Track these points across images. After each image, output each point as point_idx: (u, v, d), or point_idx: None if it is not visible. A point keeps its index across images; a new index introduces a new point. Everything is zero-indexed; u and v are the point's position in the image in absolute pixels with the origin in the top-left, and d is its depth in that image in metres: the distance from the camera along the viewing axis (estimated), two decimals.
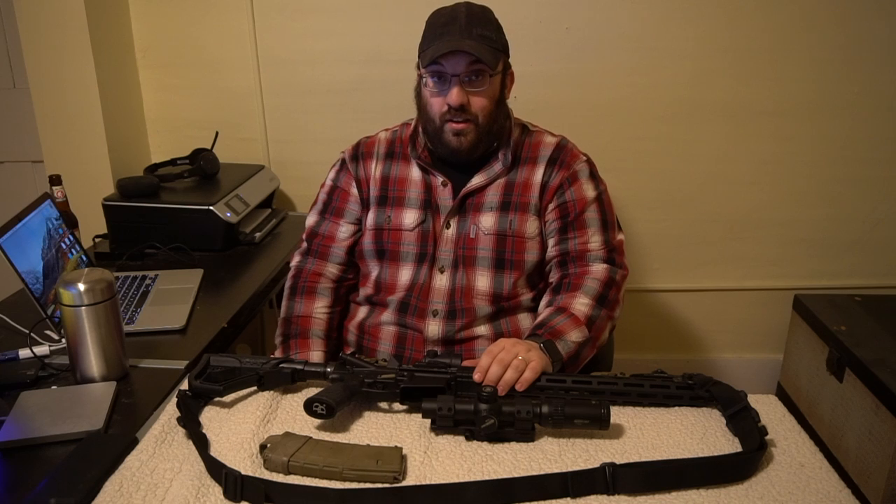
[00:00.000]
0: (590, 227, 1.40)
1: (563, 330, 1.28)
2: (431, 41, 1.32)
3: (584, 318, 1.31)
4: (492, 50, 1.31)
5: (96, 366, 1.23)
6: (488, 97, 1.33)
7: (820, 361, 2.08)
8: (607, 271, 1.37)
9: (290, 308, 1.46)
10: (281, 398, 1.16)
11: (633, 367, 1.21)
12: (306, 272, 1.48)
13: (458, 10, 1.33)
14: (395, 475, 0.95)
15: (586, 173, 1.42)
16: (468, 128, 1.34)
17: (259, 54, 2.21)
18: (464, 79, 1.30)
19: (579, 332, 1.29)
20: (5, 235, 1.37)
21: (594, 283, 1.35)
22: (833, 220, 2.32)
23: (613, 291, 1.36)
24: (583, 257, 1.39)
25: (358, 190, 1.48)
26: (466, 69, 1.29)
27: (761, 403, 1.12)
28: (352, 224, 1.48)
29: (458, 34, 1.29)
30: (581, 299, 1.33)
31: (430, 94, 1.34)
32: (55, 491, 0.93)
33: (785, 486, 0.94)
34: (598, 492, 0.93)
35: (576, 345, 1.28)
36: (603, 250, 1.39)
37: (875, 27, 2.11)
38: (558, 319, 1.30)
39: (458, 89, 1.30)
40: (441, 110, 1.33)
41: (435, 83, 1.32)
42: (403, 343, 1.41)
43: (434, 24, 1.34)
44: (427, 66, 1.31)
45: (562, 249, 1.40)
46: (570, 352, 1.27)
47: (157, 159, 2.29)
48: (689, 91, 2.19)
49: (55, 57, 2.04)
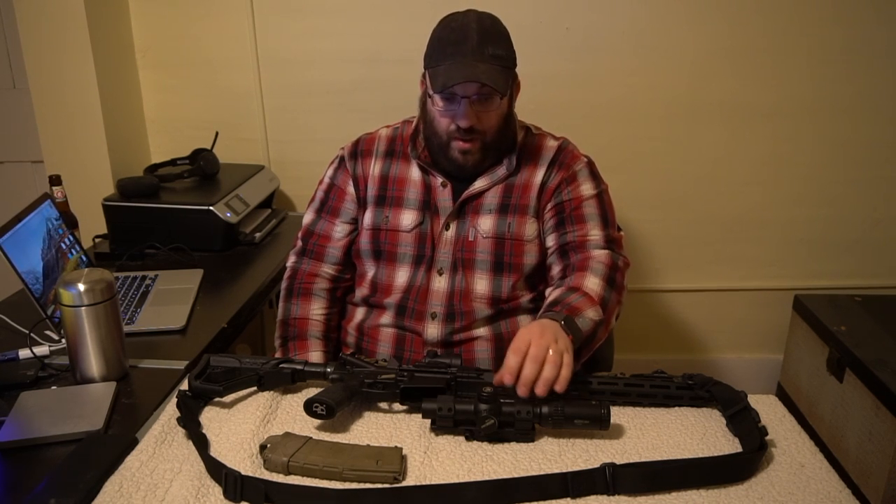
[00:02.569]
0: (589, 220, 1.37)
1: (580, 307, 1.23)
2: (441, 59, 1.29)
3: (598, 297, 1.27)
4: (503, 71, 1.29)
5: (96, 366, 1.23)
6: (497, 115, 1.33)
7: (820, 361, 2.08)
8: (610, 256, 1.35)
9: (287, 310, 1.46)
10: (281, 398, 1.15)
11: (634, 368, 1.21)
12: (302, 273, 1.48)
13: (468, 27, 1.28)
14: (395, 475, 0.95)
15: (586, 173, 1.41)
16: (475, 146, 1.33)
17: (259, 54, 2.21)
18: (473, 98, 1.28)
19: (595, 311, 1.25)
20: (5, 235, 1.37)
21: (600, 266, 1.32)
22: (833, 220, 2.32)
23: (619, 276, 1.34)
24: (583, 245, 1.36)
25: (355, 188, 1.46)
26: (478, 91, 1.27)
27: (761, 403, 1.12)
28: (347, 224, 1.47)
29: (470, 56, 1.26)
30: (591, 279, 1.30)
31: (438, 112, 1.32)
32: (55, 491, 0.93)
33: (785, 487, 0.94)
34: (598, 492, 0.93)
35: (593, 323, 1.23)
36: (602, 241, 1.37)
37: (875, 27, 2.11)
38: (573, 297, 1.25)
39: (469, 112, 1.29)
40: (449, 128, 1.32)
41: (445, 103, 1.30)
42: (402, 345, 1.41)
43: (444, 40, 1.30)
44: (438, 92, 1.28)
45: (561, 241, 1.37)
46: (588, 330, 1.22)
47: (157, 159, 2.29)
48: (688, 91, 2.19)
49: (55, 57, 2.04)
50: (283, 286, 1.50)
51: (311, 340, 1.43)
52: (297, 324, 1.44)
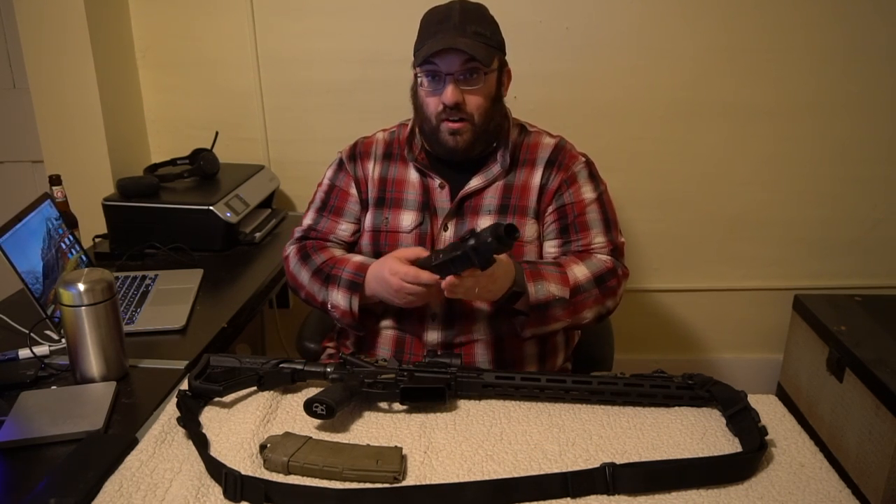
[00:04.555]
0: (592, 227, 1.39)
1: (547, 277, 1.28)
2: (425, 39, 1.31)
3: (574, 282, 1.30)
4: (486, 47, 1.30)
5: (96, 366, 1.23)
6: (484, 95, 1.33)
7: (820, 361, 2.08)
8: (612, 262, 1.36)
9: (312, 263, 1.40)
10: (281, 398, 1.16)
11: (633, 367, 1.21)
12: (310, 243, 1.45)
13: (452, 8, 1.32)
14: (395, 475, 0.95)
15: (585, 175, 1.41)
16: (464, 127, 1.33)
17: (259, 54, 2.21)
18: (458, 77, 1.29)
19: (560, 289, 1.28)
20: (5, 235, 1.37)
21: (598, 262, 1.35)
22: (833, 220, 2.32)
23: (613, 281, 1.34)
24: (587, 251, 1.38)
25: (357, 190, 1.47)
26: (461, 67, 1.29)
27: (761, 403, 1.12)
28: (351, 223, 1.47)
29: (451, 32, 1.29)
30: (580, 267, 1.32)
31: (425, 93, 1.34)
32: (55, 491, 0.93)
33: (785, 487, 0.94)
34: (598, 492, 0.93)
35: (550, 296, 1.27)
36: (606, 248, 1.38)
37: (875, 27, 2.11)
38: (548, 267, 1.31)
39: (453, 87, 1.29)
40: (436, 109, 1.33)
41: (429, 82, 1.32)
42: (402, 347, 1.40)
43: (428, 22, 1.34)
44: (421, 64, 1.30)
45: (564, 250, 1.39)
46: (541, 299, 1.26)
47: (157, 159, 2.29)
48: (688, 91, 2.19)
49: (55, 57, 2.04)
50: (291, 262, 1.44)
51: (348, 255, 1.41)
52: (330, 261, 1.39)
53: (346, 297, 1.34)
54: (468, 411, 1.12)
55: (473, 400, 1.14)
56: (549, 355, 1.43)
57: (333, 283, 1.36)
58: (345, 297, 1.34)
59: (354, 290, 1.33)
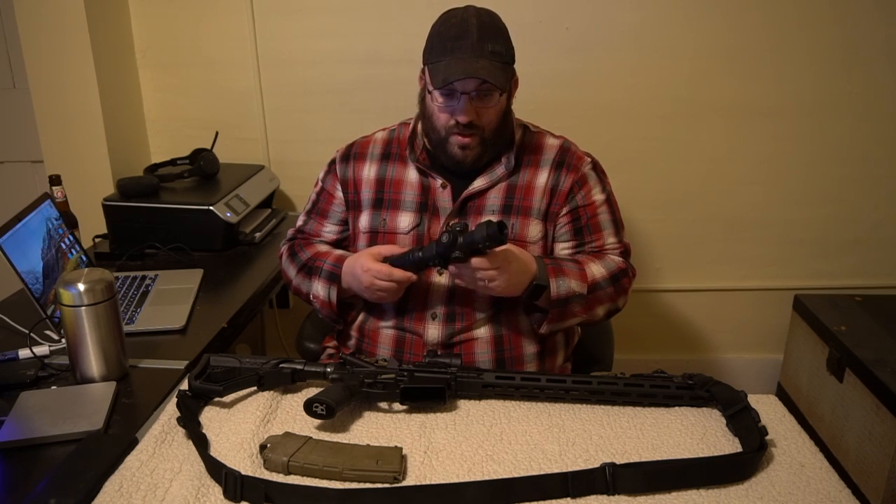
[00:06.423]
0: (605, 228, 1.42)
1: (567, 273, 1.31)
2: (441, 55, 1.29)
3: (591, 279, 1.33)
4: (503, 68, 1.29)
5: (96, 366, 1.23)
6: (496, 111, 1.33)
7: (820, 361, 2.08)
8: (624, 263, 1.41)
9: (298, 260, 1.47)
10: (281, 398, 1.16)
11: (634, 367, 1.22)
12: (298, 242, 1.51)
13: (468, 22, 1.28)
14: (395, 475, 0.95)
15: (594, 175, 1.43)
16: (474, 141, 1.33)
17: (259, 54, 2.21)
18: (473, 94, 1.29)
19: (579, 285, 1.31)
20: (5, 235, 1.37)
21: (612, 263, 1.39)
22: (833, 220, 2.32)
23: (626, 280, 1.39)
24: (601, 252, 1.42)
25: (343, 192, 1.47)
26: (477, 87, 1.28)
27: (761, 403, 1.12)
28: (336, 225, 1.49)
29: (469, 52, 1.26)
30: (598, 266, 1.37)
31: (437, 107, 1.33)
32: (55, 491, 0.93)
33: (785, 487, 0.95)
34: (598, 492, 0.93)
35: (571, 292, 1.30)
36: (618, 249, 1.43)
37: (875, 27, 2.11)
38: (569, 264, 1.34)
39: (468, 107, 1.29)
40: (448, 123, 1.33)
41: (444, 99, 1.31)
42: (402, 347, 1.40)
43: (443, 35, 1.30)
44: (439, 87, 1.28)
45: (577, 252, 1.41)
46: (562, 294, 1.29)
47: (157, 159, 2.29)
48: (688, 91, 2.19)
49: (55, 57, 2.04)
50: (284, 257, 1.51)
51: (332, 249, 1.47)
52: (314, 256, 1.45)
53: (326, 288, 1.40)
54: (468, 411, 1.12)
55: (473, 400, 1.14)
56: (548, 355, 1.43)
57: (315, 273, 1.42)
58: (324, 287, 1.40)
59: (333, 281, 1.39)
